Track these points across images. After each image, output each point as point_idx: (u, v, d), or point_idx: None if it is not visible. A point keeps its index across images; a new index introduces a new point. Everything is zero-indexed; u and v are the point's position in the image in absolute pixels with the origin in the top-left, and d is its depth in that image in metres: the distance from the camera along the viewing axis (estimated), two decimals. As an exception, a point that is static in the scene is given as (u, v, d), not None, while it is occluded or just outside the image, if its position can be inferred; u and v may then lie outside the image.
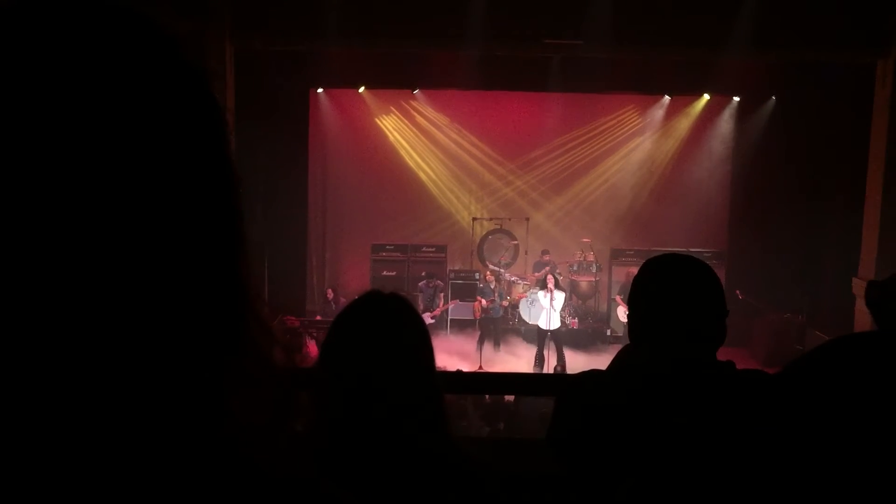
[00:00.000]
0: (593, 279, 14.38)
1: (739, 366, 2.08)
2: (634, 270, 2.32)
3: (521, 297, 13.72)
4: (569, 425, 2.14)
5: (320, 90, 14.62)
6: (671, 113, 15.02)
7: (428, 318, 12.90)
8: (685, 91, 14.43)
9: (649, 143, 15.20)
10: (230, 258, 0.58)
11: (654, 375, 2.02)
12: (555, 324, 12.43)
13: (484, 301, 13.20)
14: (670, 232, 14.30)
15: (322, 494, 0.60)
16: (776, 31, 10.67)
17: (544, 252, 14.30)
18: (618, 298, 13.65)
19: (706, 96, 14.61)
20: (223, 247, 0.57)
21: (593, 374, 2.23)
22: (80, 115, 0.50)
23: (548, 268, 13.67)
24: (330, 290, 13.65)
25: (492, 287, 13.37)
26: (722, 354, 2.09)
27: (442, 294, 13.66)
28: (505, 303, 13.55)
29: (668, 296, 2.09)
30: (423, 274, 14.15)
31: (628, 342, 2.21)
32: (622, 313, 13.45)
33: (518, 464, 2.89)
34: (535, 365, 12.40)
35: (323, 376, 1.72)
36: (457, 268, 14.75)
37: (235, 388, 0.57)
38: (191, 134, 0.55)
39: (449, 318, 13.98)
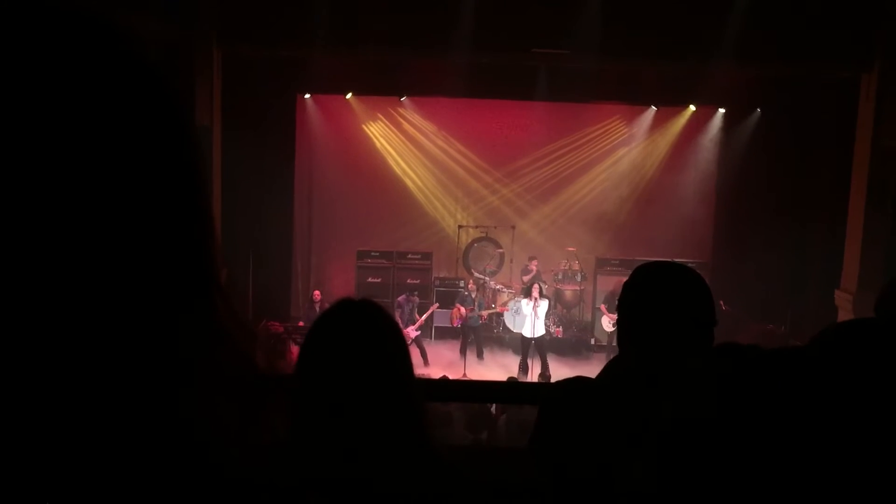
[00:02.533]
0: (578, 288, 14.40)
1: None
2: (620, 281, 2.33)
3: (503, 311, 13.69)
4: (552, 433, 2.14)
5: (307, 96, 14.59)
6: (657, 123, 15.09)
7: (412, 331, 12.83)
8: (671, 102, 14.49)
9: (635, 153, 15.26)
10: (192, 251, 0.57)
11: (638, 382, 2.02)
12: (539, 332, 12.43)
13: (463, 309, 13.18)
14: (655, 242, 14.32)
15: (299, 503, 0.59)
16: (762, 44, 10.74)
17: (531, 259, 14.34)
18: (602, 308, 13.67)
19: (692, 107, 14.67)
20: (182, 237, 0.56)
21: (576, 381, 2.23)
22: (28, 111, 0.49)
23: (532, 274, 13.68)
24: (318, 292, 13.49)
25: (473, 297, 13.35)
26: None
27: (417, 310, 13.56)
28: (483, 313, 13.52)
29: (657, 302, 2.09)
30: (407, 283, 14.08)
31: (613, 350, 2.22)
32: (606, 322, 13.47)
33: (500, 472, 2.89)
34: (518, 373, 12.39)
35: (300, 383, 1.71)
36: (442, 275, 14.74)
37: (208, 385, 0.56)
38: (142, 121, 0.54)
39: (433, 325, 13.96)
